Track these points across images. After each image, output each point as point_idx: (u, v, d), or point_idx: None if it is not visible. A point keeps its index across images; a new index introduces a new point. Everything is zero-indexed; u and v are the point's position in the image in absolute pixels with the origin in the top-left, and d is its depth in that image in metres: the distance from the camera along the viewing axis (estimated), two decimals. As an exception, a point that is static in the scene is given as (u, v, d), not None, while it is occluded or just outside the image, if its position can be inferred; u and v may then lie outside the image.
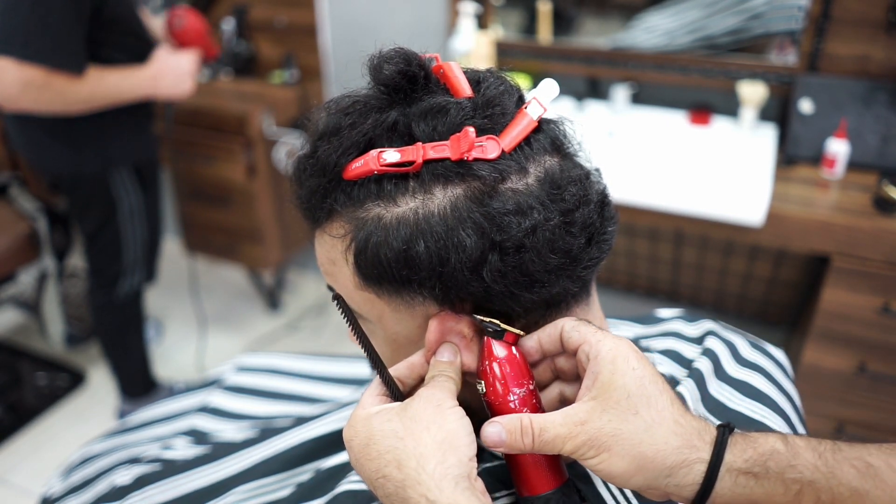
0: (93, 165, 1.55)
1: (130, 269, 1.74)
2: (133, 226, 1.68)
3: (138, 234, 1.71)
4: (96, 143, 1.53)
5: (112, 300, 1.75)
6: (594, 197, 0.48)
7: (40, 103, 1.36)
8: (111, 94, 1.45)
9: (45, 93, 1.34)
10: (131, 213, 1.66)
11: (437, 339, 0.47)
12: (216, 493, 0.65)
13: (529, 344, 0.48)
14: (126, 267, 1.73)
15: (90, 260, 1.73)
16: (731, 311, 1.95)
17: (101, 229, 1.65)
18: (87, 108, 1.43)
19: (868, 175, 1.47)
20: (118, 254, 1.70)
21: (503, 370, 0.45)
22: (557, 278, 0.46)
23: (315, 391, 0.87)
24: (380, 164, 0.45)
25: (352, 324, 0.51)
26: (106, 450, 0.82)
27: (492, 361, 0.46)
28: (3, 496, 1.68)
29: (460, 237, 0.43)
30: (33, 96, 1.34)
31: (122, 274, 1.73)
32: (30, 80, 1.31)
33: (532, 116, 0.46)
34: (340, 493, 0.57)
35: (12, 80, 1.30)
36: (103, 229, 1.65)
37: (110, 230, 1.66)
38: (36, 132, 1.50)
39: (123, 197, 1.63)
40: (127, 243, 1.70)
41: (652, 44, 1.75)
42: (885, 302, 1.35)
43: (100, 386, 2.05)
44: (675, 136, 1.67)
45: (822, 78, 1.55)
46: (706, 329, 0.66)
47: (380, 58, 0.47)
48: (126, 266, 1.73)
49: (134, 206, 1.66)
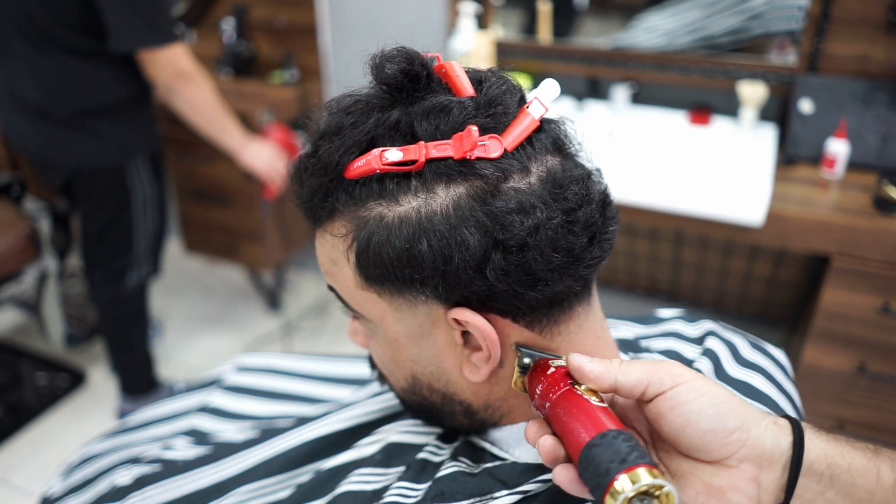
0: (114, 157, 1.57)
1: (138, 261, 1.75)
2: (145, 217, 1.70)
3: (150, 225, 1.71)
4: (116, 134, 1.56)
5: (119, 294, 1.75)
6: (596, 196, 0.48)
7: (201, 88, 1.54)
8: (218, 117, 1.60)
9: (200, 75, 1.52)
10: (144, 203, 1.67)
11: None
12: (217, 493, 0.65)
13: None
14: (135, 259, 1.74)
15: (97, 254, 1.73)
16: (731, 311, 1.95)
17: (115, 222, 1.66)
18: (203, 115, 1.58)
19: (868, 175, 1.47)
20: (129, 246, 1.71)
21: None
22: (560, 277, 0.46)
23: (315, 391, 0.87)
24: (382, 164, 0.45)
25: None
26: (106, 450, 0.82)
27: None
28: (3, 496, 1.68)
29: (463, 236, 0.43)
30: (199, 78, 1.52)
31: (130, 266, 1.74)
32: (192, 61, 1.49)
33: (534, 116, 0.46)
34: (341, 494, 0.57)
35: (188, 62, 1.48)
36: (116, 222, 1.66)
37: (123, 222, 1.67)
38: (54, 128, 1.52)
39: (138, 188, 1.64)
40: (138, 235, 1.71)
41: (652, 44, 1.75)
42: (885, 302, 1.35)
43: (100, 386, 2.05)
44: (675, 136, 1.67)
45: (822, 78, 1.55)
46: (706, 329, 0.66)
47: (382, 57, 0.47)
48: (135, 258, 1.73)
49: (147, 197, 1.67)
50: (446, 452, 0.57)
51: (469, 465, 0.54)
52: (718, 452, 0.38)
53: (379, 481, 0.58)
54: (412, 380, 0.54)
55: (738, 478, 0.38)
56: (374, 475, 0.58)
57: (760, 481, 0.38)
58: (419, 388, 0.54)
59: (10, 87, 1.53)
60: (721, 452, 0.38)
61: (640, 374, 0.40)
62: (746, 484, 0.38)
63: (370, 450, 0.61)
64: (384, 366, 0.57)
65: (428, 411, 0.57)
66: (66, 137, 1.53)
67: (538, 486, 0.49)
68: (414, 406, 0.58)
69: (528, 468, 0.51)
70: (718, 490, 0.38)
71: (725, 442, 0.38)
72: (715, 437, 0.38)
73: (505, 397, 0.53)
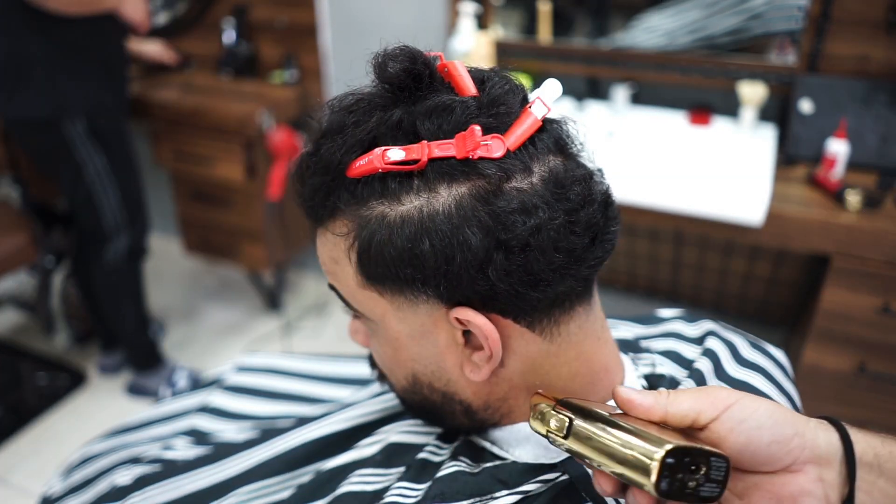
0: (43, 109, 1.57)
1: (113, 235, 1.77)
2: (104, 188, 1.70)
3: (112, 198, 1.72)
4: (47, 86, 1.56)
5: (102, 266, 1.80)
6: (598, 196, 0.48)
7: None
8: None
9: None
10: (98, 175, 1.68)
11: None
12: (217, 494, 0.65)
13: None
14: (107, 232, 1.76)
15: (78, 228, 1.81)
16: (731, 311, 1.95)
17: (74, 190, 1.69)
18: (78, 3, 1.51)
19: (868, 175, 1.48)
20: (97, 219, 1.74)
21: None
22: (562, 277, 0.46)
23: (315, 391, 0.87)
24: (384, 163, 0.45)
25: None
26: (106, 450, 0.82)
27: None
28: (3, 496, 1.68)
29: (465, 235, 0.43)
30: None
31: (106, 239, 1.77)
32: None
33: (536, 116, 0.46)
34: (342, 495, 0.57)
35: None
36: (76, 190, 1.69)
37: (81, 192, 1.69)
38: None
39: (87, 160, 1.65)
40: (102, 207, 1.73)
41: (652, 44, 1.75)
42: (885, 302, 1.35)
43: (100, 386, 2.05)
44: (675, 136, 1.67)
45: (822, 78, 1.55)
46: (706, 329, 0.66)
47: (384, 56, 0.47)
48: (107, 231, 1.76)
49: (99, 168, 1.68)
50: (447, 452, 0.57)
51: (469, 464, 0.54)
52: (783, 461, 0.39)
53: (379, 482, 0.57)
54: (413, 379, 0.54)
55: (805, 480, 0.39)
56: (374, 475, 0.58)
57: (824, 479, 0.39)
58: (419, 387, 0.54)
59: None
60: (786, 460, 0.39)
61: (690, 403, 0.40)
62: (814, 485, 0.39)
63: (371, 450, 0.61)
64: (384, 365, 0.57)
65: (428, 411, 0.57)
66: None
67: (538, 485, 0.49)
68: (414, 405, 0.58)
69: (528, 468, 0.51)
70: (790, 497, 0.39)
71: (789, 449, 0.38)
72: (780, 447, 0.38)
73: (505, 397, 0.53)
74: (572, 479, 0.48)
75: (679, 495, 0.37)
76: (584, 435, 0.41)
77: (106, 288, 1.84)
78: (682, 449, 0.36)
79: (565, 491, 0.49)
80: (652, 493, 0.36)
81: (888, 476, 0.39)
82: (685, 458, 0.36)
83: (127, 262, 1.83)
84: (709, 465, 0.37)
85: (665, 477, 0.36)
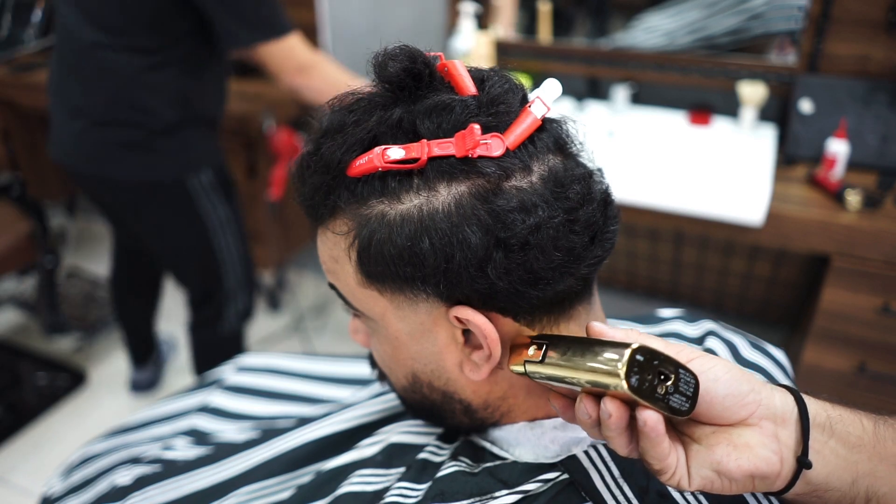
0: (170, 171, 1.40)
1: (232, 295, 1.57)
2: (226, 240, 1.51)
3: (234, 250, 1.53)
4: (173, 148, 1.39)
5: (216, 331, 1.60)
6: (597, 196, 0.48)
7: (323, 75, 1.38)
8: None
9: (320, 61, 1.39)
10: (221, 225, 1.48)
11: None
12: (217, 494, 0.65)
13: None
14: (228, 293, 1.56)
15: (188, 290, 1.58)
16: (731, 311, 1.95)
17: (193, 248, 1.49)
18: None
19: (868, 175, 1.48)
20: (218, 276, 1.53)
21: None
22: (561, 276, 0.46)
23: (315, 391, 0.87)
24: (384, 161, 0.45)
25: None
26: (106, 450, 0.82)
27: None
28: (3, 496, 1.68)
29: (465, 234, 0.43)
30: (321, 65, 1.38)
31: (225, 301, 1.57)
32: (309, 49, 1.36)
33: (536, 115, 0.46)
34: (342, 495, 0.57)
35: (306, 51, 1.36)
36: (194, 248, 1.49)
37: (202, 248, 1.48)
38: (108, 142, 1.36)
39: (209, 210, 1.45)
40: (224, 263, 1.53)
41: (652, 44, 1.75)
42: (884, 302, 1.35)
43: (100, 386, 2.05)
44: (675, 136, 1.67)
45: (822, 78, 1.55)
46: (706, 329, 0.66)
47: (384, 55, 0.47)
48: (228, 292, 1.56)
49: (223, 218, 1.48)
50: (447, 452, 0.57)
51: (469, 464, 0.54)
52: (738, 414, 0.40)
53: (380, 482, 0.57)
54: (412, 378, 0.54)
55: (762, 434, 0.40)
56: (375, 476, 0.58)
57: (779, 438, 0.40)
58: (419, 386, 0.54)
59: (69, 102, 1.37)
60: (741, 413, 0.40)
61: (657, 345, 0.41)
62: (770, 439, 0.40)
63: (371, 450, 0.61)
64: (384, 364, 0.57)
65: (428, 410, 0.57)
66: (123, 152, 1.36)
67: (538, 485, 0.49)
68: (414, 405, 0.58)
69: (528, 467, 0.51)
70: (745, 446, 0.40)
71: (744, 403, 0.40)
72: (735, 400, 0.40)
73: (505, 396, 0.53)
74: (572, 479, 0.48)
75: (649, 397, 0.38)
76: (559, 353, 0.43)
77: (214, 352, 1.60)
78: (651, 350, 0.38)
79: (565, 490, 0.48)
80: (622, 388, 0.37)
81: (838, 437, 0.42)
82: (654, 362, 0.38)
83: (241, 325, 1.64)
84: (678, 375, 0.38)
85: (634, 373, 0.37)
